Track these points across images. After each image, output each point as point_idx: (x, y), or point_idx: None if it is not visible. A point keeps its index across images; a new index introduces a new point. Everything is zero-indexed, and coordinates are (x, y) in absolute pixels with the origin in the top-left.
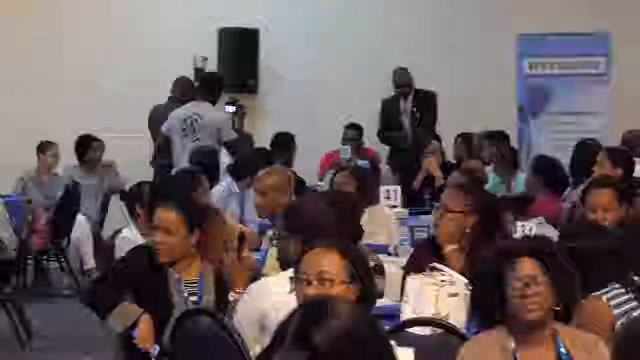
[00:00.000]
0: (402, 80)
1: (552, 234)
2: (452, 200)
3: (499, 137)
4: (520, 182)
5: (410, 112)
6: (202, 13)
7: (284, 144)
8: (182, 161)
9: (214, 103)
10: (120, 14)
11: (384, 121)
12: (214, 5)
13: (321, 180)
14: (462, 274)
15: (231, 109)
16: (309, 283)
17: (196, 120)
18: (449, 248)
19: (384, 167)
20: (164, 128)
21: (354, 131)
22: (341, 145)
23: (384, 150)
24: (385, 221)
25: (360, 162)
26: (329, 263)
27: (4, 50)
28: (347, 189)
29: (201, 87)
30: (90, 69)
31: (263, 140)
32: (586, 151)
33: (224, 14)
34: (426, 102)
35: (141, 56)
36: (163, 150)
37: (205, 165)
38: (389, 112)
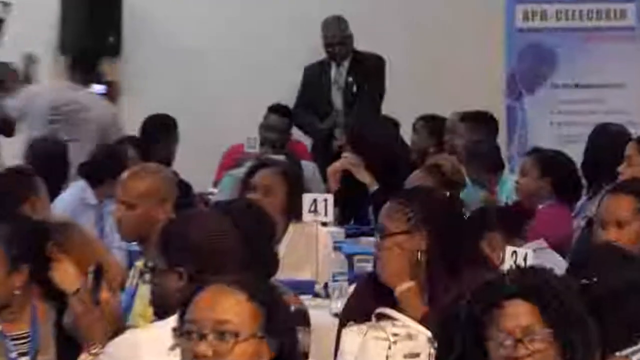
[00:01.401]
0: (334, 33)
1: (558, 263)
2: (390, 219)
3: (480, 121)
4: (507, 186)
5: (344, 83)
6: None
7: (161, 131)
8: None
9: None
10: None
11: (303, 97)
12: None
13: (216, 186)
14: (424, 323)
15: (98, 88)
16: (201, 337)
17: (76, 112)
18: (400, 288)
19: (308, 166)
20: (12, 109)
21: (278, 117)
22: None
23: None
24: (311, 246)
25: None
26: (230, 308)
27: None
28: (274, 194)
29: (73, 62)
30: None
31: (128, 125)
32: (608, 141)
33: None
34: (368, 69)
35: None
36: None
37: (45, 162)
38: (312, 84)
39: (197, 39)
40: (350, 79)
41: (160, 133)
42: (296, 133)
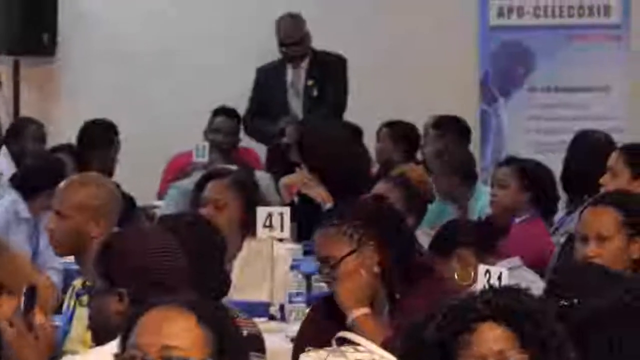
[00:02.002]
0: (290, 33)
1: (535, 283)
2: (331, 246)
3: (450, 128)
4: (483, 201)
5: (303, 87)
6: None
7: (101, 138)
8: None
9: None
10: None
11: (256, 102)
12: None
13: (161, 199)
14: (386, 348)
15: None
16: None
17: None
18: (357, 312)
19: (263, 176)
20: None
21: (226, 119)
22: (201, 144)
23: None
24: (266, 264)
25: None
26: (178, 332)
27: None
28: (227, 208)
29: None
30: None
31: (65, 131)
32: (590, 150)
33: None
34: (329, 71)
35: None
36: None
37: None
38: (266, 87)
39: (138, 39)
40: (310, 82)
41: (99, 140)
42: (248, 143)
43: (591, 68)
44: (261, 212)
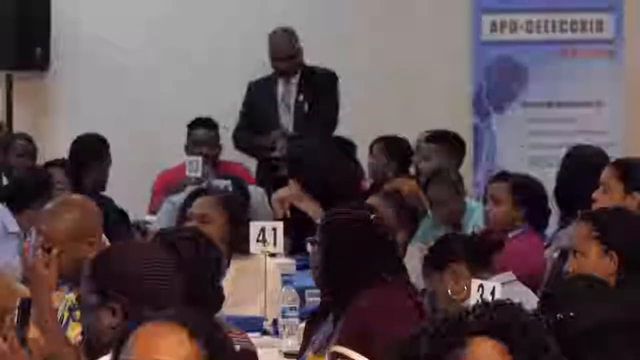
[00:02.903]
0: (281, 47)
1: (529, 297)
2: None
3: (442, 143)
4: (475, 218)
5: (294, 102)
6: None
7: (93, 153)
8: None
9: None
10: None
11: (247, 116)
12: None
13: (153, 212)
14: None
15: None
16: None
17: None
18: None
19: (256, 191)
20: None
21: (206, 131)
22: (185, 157)
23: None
24: (259, 279)
25: (218, 183)
26: (171, 347)
27: None
28: (212, 224)
29: None
30: None
31: (55, 145)
32: (582, 165)
33: None
34: (320, 86)
35: None
36: None
37: None
38: (257, 101)
39: (131, 53)
40: (301, 97)
41: (91, 155)
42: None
43: (584, 83)
44: (254, 227)
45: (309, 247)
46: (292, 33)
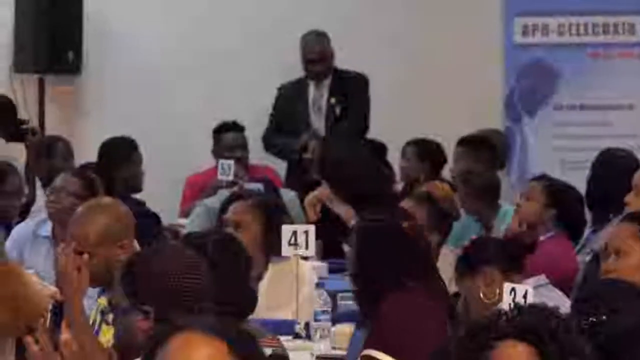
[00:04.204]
0: (314, 50)
1: (561, 301)
2: None
3: (476, 146)
4: (506, 218)
5: (326, 105)
6: None
7: (123, 154)
8: None
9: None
10: None
11: (277, 119)
12: None
13: (186, 216)
14: None
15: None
16: None
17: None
18: None
19: (287, 194)
20: None
21: (236, 134)
22: (218, 160)
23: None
24: (290, 282)
25: (249, 186)
26: (203, 359)
27: None
28: (248, 230)
29: None
30: None
31: (88, 148)
32: (614, 168)
33: None
34: (351, 89)
35: None
36: None
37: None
38: (288, 104)
39: (162, 56)
40: (333, 100)
41: (119, 157)
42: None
43: (615, 86)
44: (286, 230)
45: (346, 249)
46: (325, 36)
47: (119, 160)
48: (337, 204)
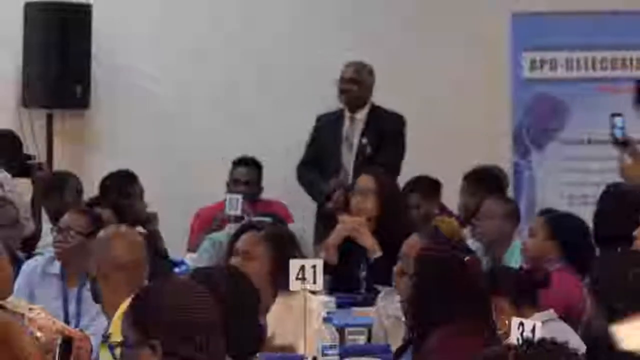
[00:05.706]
0: (348, 71)
1: (569, 335)
2: None
3: (480, 180)
4: (515, 253)
5: (358, 142)
6: None
7: (127, 187)
8: None
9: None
10: None
11: (312, 149)
12: None
13: (192, 251)
14: None
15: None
16: None
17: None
18: None
19: (295, 228)
20: None
21: (247, 169)
22: (226, 195)
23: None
24: (299, 317)
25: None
26: None
27: None
28: (257, 261)
29: None
30: None
31: (95, 182)
32: (620, 203)
33: None
34: (386, 129)
35: None
36: None
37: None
38: (322, 135)
39: (170, 90)
40: (365, 140)
41: (127, 189)
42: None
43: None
44: (294, 264)
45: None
46: (364, 65)
47: (127, 192)
48: (364, 236)
